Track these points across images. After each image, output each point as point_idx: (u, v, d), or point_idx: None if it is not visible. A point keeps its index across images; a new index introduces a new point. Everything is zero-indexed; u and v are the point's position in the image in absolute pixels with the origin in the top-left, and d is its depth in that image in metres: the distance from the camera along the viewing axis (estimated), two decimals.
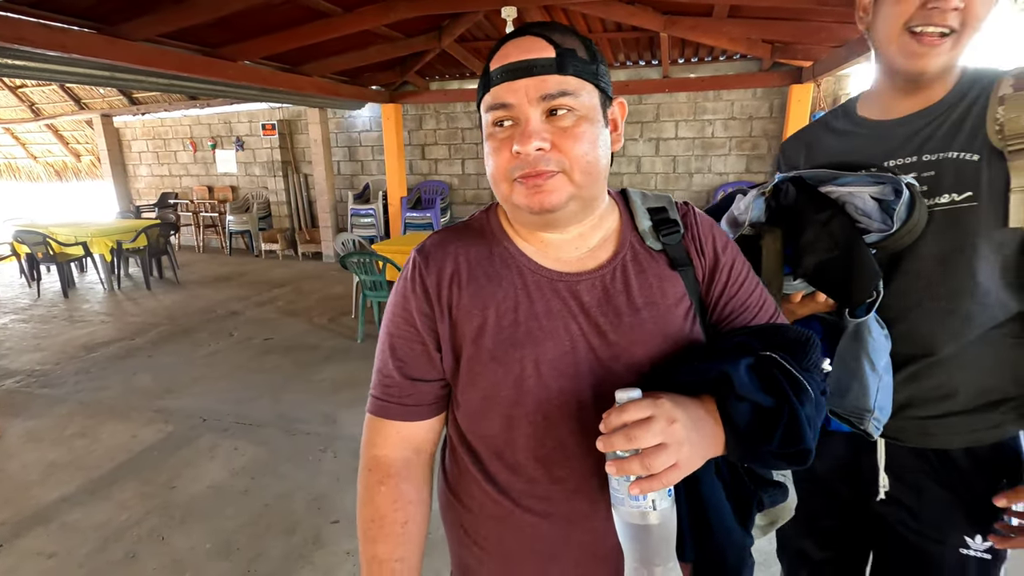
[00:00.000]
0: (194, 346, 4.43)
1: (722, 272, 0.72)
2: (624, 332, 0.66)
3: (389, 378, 0.72)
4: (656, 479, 0.52)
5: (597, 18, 4.78)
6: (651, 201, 0.74)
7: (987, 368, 0.89)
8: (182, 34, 3.97)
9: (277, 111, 8.06)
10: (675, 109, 6.44)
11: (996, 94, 0.82)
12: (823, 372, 0.63)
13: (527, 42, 0.61)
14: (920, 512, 0.95)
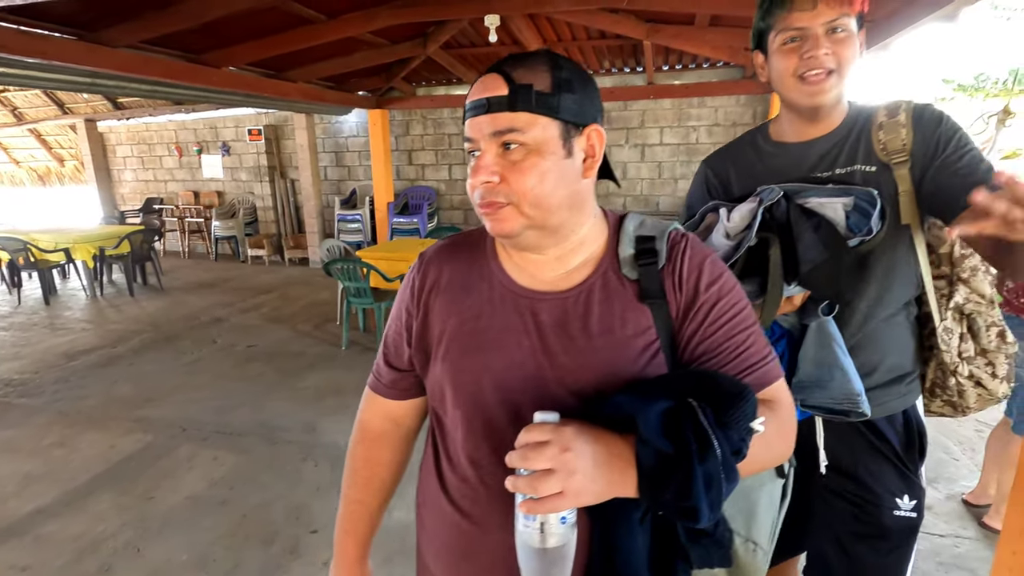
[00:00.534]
0: (176, 354, 4.39)
1: (699, 310, 0.69)
2: (573, 356, 0.67)
3: (380, 359, 0.84)
4: (540, 503, 0.53)
5: (581, 26, 4.82)
6: (645, 229, 0.73)
7: (893, 348, 1.07)
8: (165, 40, 3.95)
9: (263, 116, 8.03)
10: (660, 115, 6.50)
11: (875, 122, 1.04)
12: (748, 431, 0.59)
13: (490, 80, 0.65)
14: (859, 477, 1.09)
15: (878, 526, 1.09)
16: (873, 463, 1.09)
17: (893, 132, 1.00)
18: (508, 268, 0.74)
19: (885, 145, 1.01)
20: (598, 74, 6.42)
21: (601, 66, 6.21)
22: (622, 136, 6.69)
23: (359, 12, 4.09)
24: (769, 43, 1.03)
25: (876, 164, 1.02)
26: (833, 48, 0.96)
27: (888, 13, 3.11)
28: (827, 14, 0.94)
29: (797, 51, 0.98)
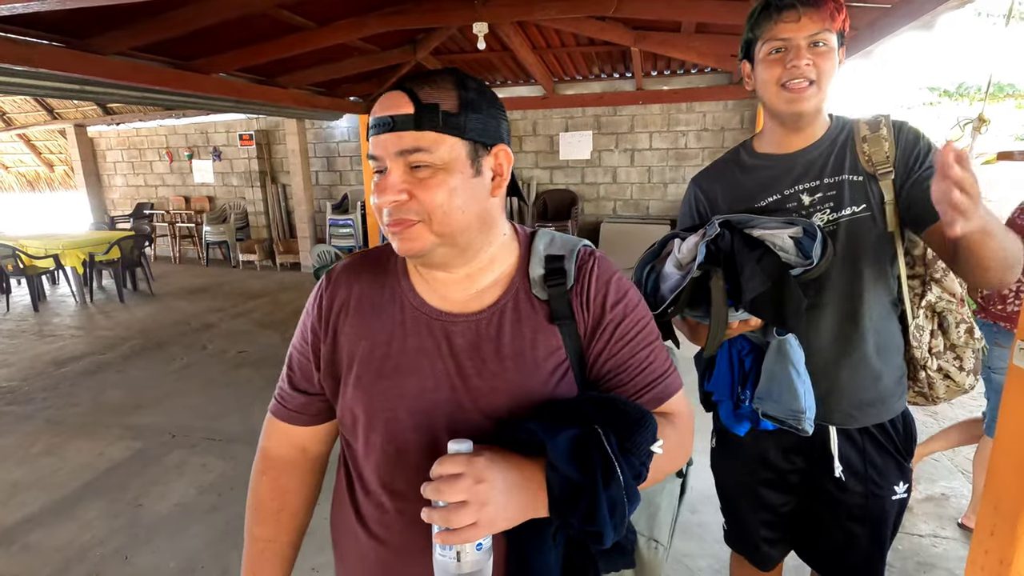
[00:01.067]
0: (166, 360, 4.39)
1: (606, 329, 0.71)
2: (486, 379, 0.68)
3: (282, 383, 0.80)
4: (455, 534, 0.54)
5: (570, 33, 4.87)
6: (555, 248, 0.74)
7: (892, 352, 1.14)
8: (154, 47, 3.96)
9: (254, 121, 8.03)
10: (649, 120, 6.56)
11: (859, 135, 1.10)
12: (649, 455, 0.62)
13: (394, 97, 0.63)
14: (867, 472, 1.18)
15: (880, 510, 1.19)
16: (880, 461, 1.18)
17: (877, 145, 1.07)
18: (419, 289, 0.73)
19: (870, 157, 1.07)
20: (588, 79, 6.47)
21: (591, 71, 6.26)
22: (612, 141, 6.74)
23: (349, 19, 4.11)
24: (756, 53, 1.09)
25: (863, 175, 1.08)
26: (814, 60, 1.01)
27: (868, 22, 3.17)
28: (810, 27, 1.00)
29: (781, 61, 1.03)
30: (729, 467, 1.34)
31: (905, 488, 1.21)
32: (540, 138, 7.02)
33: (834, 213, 1.08)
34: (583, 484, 0.58)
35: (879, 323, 1.12)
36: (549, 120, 6.93)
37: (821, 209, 1.09)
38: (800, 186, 1.11)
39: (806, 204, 1.11)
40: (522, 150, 7.13)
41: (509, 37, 4.59)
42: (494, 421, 0.67)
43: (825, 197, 1.09)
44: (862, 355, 1.12)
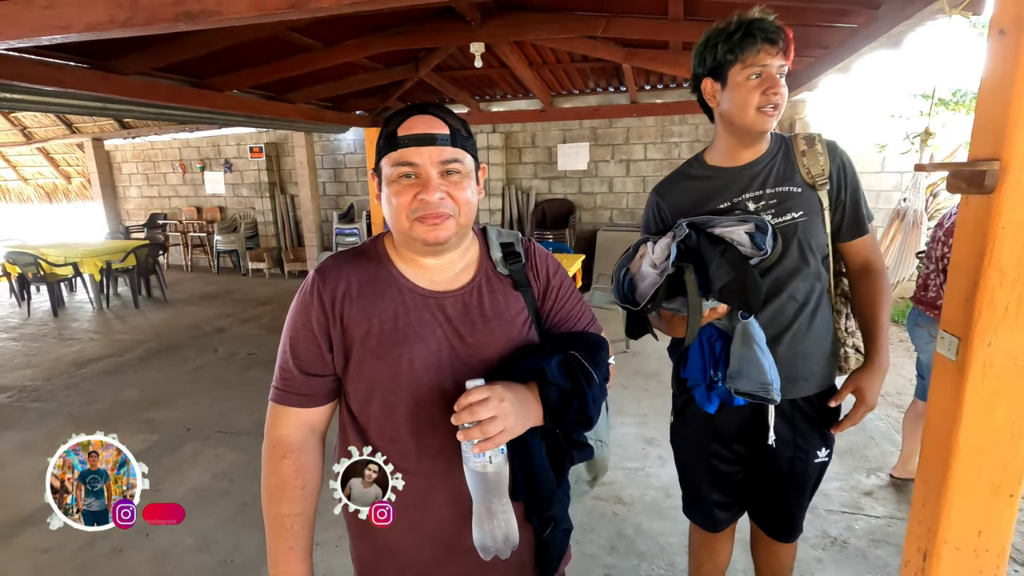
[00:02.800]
0: (180, 362, 4.62)
1: (552, 292, 0.98)
2: (478, 336, 0.89)
3: (289, 373, 0.89)
4: (491, 441, 0.75)
5: (564, 51, 5.10)
6: (504, 237, 0.98)
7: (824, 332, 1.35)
8: (172, 67, 4.23)
9: (264, 134, 8.33)
10: (643, 132, 6.78)
11: (797, 149, 1.30)
12: (607, 364, 0.91)
13: (429, 120, 0.82)
14: (795, 440, 1.39)
15: (804, 471, 1.41)
16: (807, 429, 1.38)
17: (814, 159, 1.27)
18: (409, 275, 0.91)
19: (809, 170, 1.27)
20: (584, 93, 6.71)
21: (586, 86, 6.49)
22: (608, 152, 6.97)
23: (355, 40, 4.37)
24: (731, 75, 1.21)
25: (802, 185, 1.28)
26: (780, 88, 1.19)
27: (839, 41, 3.38)
28: (780, 59, 1.18)
29: (760, 87, 1.18)
30: (686, 439, 1.52)
31: (826, 453, 1.42)
32: (539, 149, 7.26)
33: (776, 218, 1.27)
34: (573, 390, 0.83)
35: (812, 310, 1.32)
36: (547, 132, 7.17)
37: (765, 214, 1.28)
38: (746, 195, 1.29)
39: (752, 210, 1.29)
40: (521, 161, 7.37)
41: (506, 55, 4.83)
42: (487, 367, 0.88)
43: (768, 204, 1.28)
44: (796, 336, 1.31)
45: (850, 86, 6.29)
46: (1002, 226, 1.36)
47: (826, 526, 2.30)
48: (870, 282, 1.35)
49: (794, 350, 1.32)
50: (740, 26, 1.18)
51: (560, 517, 0.93)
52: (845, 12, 3.01)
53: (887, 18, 2.60)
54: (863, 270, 1.36)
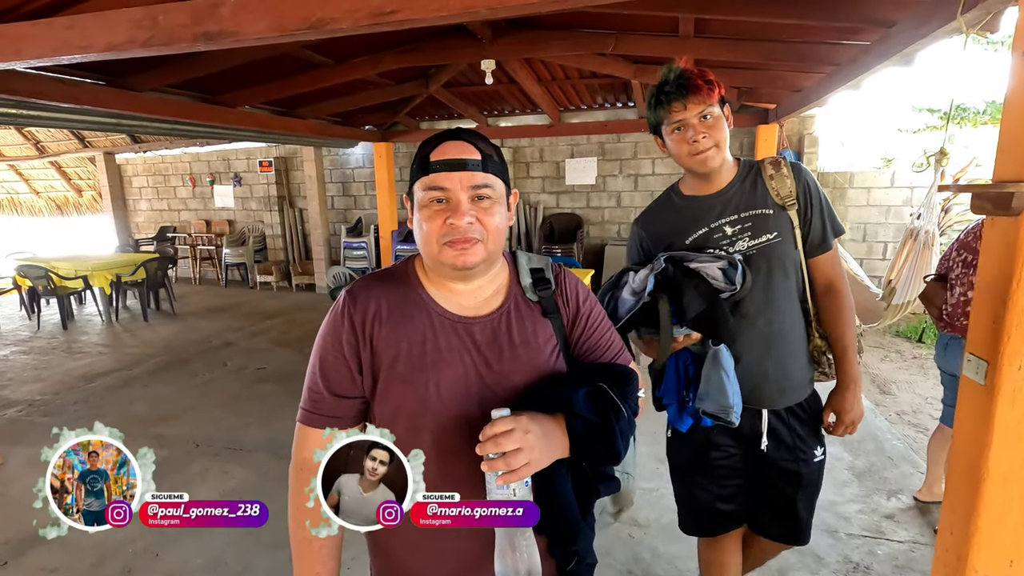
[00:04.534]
0: (189, 376, 4.61)
1: (582, 319, 0.96)
2: (505, 364, 0.88)
3: (318, 394, 0.88)
4: (515, 473, 0.74)
5: (573, 67, 5.13)
6: (534, 263, 0.97)
7: (803, 344, 1.46)
8: (186, 84, 4.28)
9: (273, 149, 8.40)
10: (651, 147, 6.79)
11: (765, 174, 1.40)
12: (637, 399, 0.88)
13: (461, 145, 0.84)
14: (792, 444, 1.48)
15: (801, 472, 1.49)
16: (803, 431, 1.49)
17: (781, 181, 1.37)
18: (438, 300, 0.90)
19: (778, 192, 1.37)
20: (592, 108, 6.74)
21: (595, 101, 6.52)
22: (616, 167, 6.98)
23: (366, 57, 4.41)
24: (664, 133, 1.37)
25: (773, 207, 1.38)
26: (707, 131, 1.31)
27: (851, 59, 3.38)
28: (695, 108, 1.29)
29: (684, 138, 1.32)
30: (682, 452, 1.58)
31: (822, 451, 1.53)
32: (547, 164, 7.28)
33: (752, 240, 1.38)
34: (600, 423, 0.82)
35: (793, 326, 1.43)
36: (555, 147, 7.19)
37: (741, 237, 1.38)
38: (723, 220, 1.39)
39: (729, 234, 1.39)
40: (529, 175, 7.39)
41: (516, 71, 4.87)
42: (513, 396, 0.87)
43: (744, 228, 1.38)
44: (782, 352, 1.42)
45: (858, 101, 6.31)
46: None
47: (847, 551, 2.25)
48: (833, 302, 1.44)
49: (782, 362, 1.43)
50: (653, 93, 1.35)
51: (584, 551, 0.91)
52: (858, 30, 3.01)
53: (901, 37, 2.60)
54: (826, 289, 1.45)
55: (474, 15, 1.79)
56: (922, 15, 2.33)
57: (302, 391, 0.91)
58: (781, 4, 2.77)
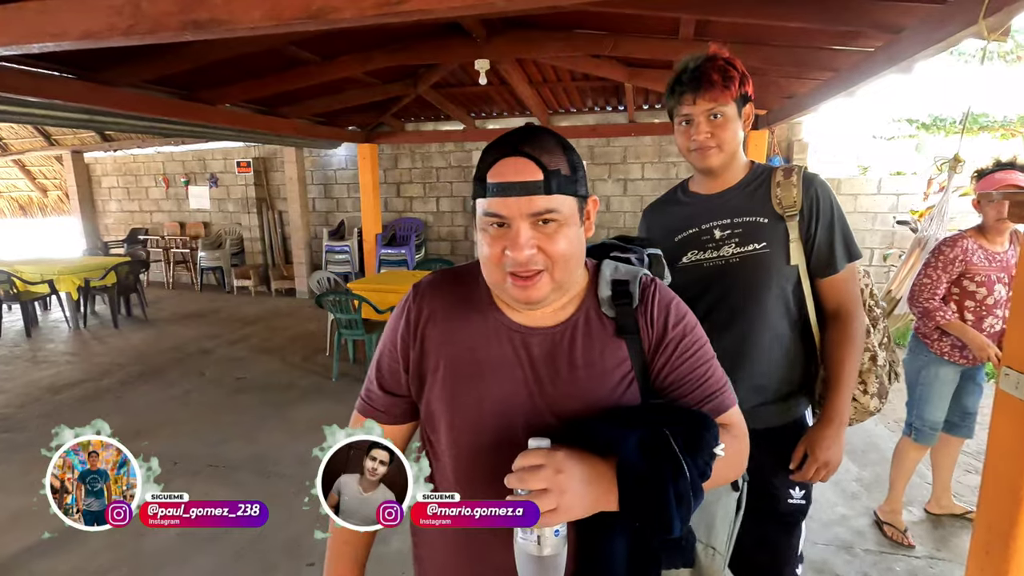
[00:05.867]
0: (165, 386, 4.38)
1: (668, 345, 0.79)
2: (560, 386, 0.77)
3: (372, 385, 0.87)
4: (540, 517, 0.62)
5: (566, 69, 5.06)
6: (619, 275, 0.83)
7: (784, 367, 1.33)
8: (164, 79, 4.07)
9: (253, 149, 8.14)
10: (641, 151, 6.76)
11: (774, 181, 1.31)
12: (712, 455, 0.70)
13: (520, 164, 0.71)
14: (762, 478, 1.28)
15: (777, 512, 1.36)
16: (772, 470, 1.34)
17: (787, 190, 1.29)
18: (500, 304, 0.81)
19: (781, 200, 1.29)
20: (582, 112, 6.68)
21: (585, 104, 6.46)
22: (605, 171, 6.93)
23: (354, 54, 4.26)
24: (674, 122, 1.33)
25: (769, 216, 1.29)
26: (712, 130, 1.25)
27: (851, 66, 3.36)
28: (706, 104, 1.24)
29: (687, 132, 1.28)
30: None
31: (801, 495, 1.36)
32: None
33: (739, 247, 1.31)
34: (652, 478, 0.65)
35: (772, 343, 1.32)
36: None
37: (728, 243, 1.32)
38: (715, 223, 1.33)
39: (717, 237, 1.33)
40: None
41: (508, 72, 4.77)
42: (565, 424, 0.75)
43: (733, 233, 1.31)
44: (752, 371, 1.31)
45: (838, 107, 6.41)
46: None
47: (865, 567, 2.18)
48: (836, 330, 1.32)
49: (749, 382, 1.30)
50: (672, 80, 1.29)
51: None
52: (860, 35, 2.99)
53: (911, 42, 2.56)
54: (832, 314, 1.33)
55: (490, 7, 1.68)
56: (935, 21, 2.29)
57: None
58: (786, 6, 2.72)
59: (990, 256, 2.17)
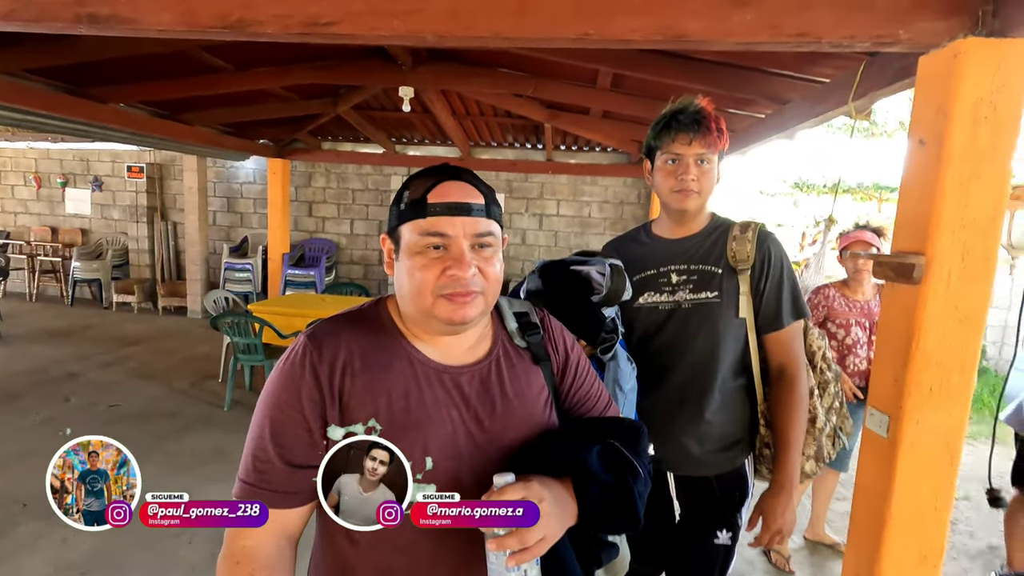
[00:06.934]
0: (18, 414, 3.81)
1: (571, 367, 0.89)
2: (497, 419, 0.78)
3: (267, 464, 0.73)
4: (529, 551, 0.63)
5: (489, 104, 5.18)
6: (516, 306, 0.90)
7: (728, 418, 1.37)
8: (47, 70, 3.67)
9: (148, 153, 7.51)
10: (557, 189, 7.02)
11: (731, 235, 1.36)
12: (648, 455, 0.80)
13: (464, 187, 0.75)
14: (693, 519, 1.43)
15: (705, 549, 1.41)
16: (702, 509, 1.42)
17: (742, 244, 1.33)
18: (419, 346, 0.80)
19: (735, 253, 1.33)
20: (502, 146, 6.85)
21: (505, 140, 6.63)
22: (522, 205, 7.10)
23: (273, 67, 4.10)
24: (656, 159, 1.35)
25: (724, 267, 1.34)
26: (698, 174, 1.29)
27: (744, 128, 3.73)
28: (697, 149, 1.28)
29: (674, 172, 1.31)
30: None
31: (728, 536, 1.42)
32: None
33: (692, 294, 1.35)
34: (617, 485, 0.73)
35: (717, 395, 1.34)
36: None
37: (683, 288, 1.35)
38: (673, 266, 1.38)
39: (674, 281, 1.37)
40: None
41: (432, 101, 4.79)
42: (508, 456, 0.75)
43: (688, 279, 1.36)
44: (694, 417, 1.35)
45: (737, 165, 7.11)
46: (927, 315, 1.49)
47: None
48: (781, 390, 1.34)
49: (695, 428, 1.35)
50: (664, 116, 1.32)
51: None
52: (753, 103, 3.34)
53: (794, 113, 2.90)
54: (777, 374, 1.36)
55: (420, 40, 1.68)
56: (815, 97, 2.62)
57: (242, 459, 0.75)
58: (693, 71, 2.99)
59: (851, 303, 2.49)
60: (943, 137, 1.41)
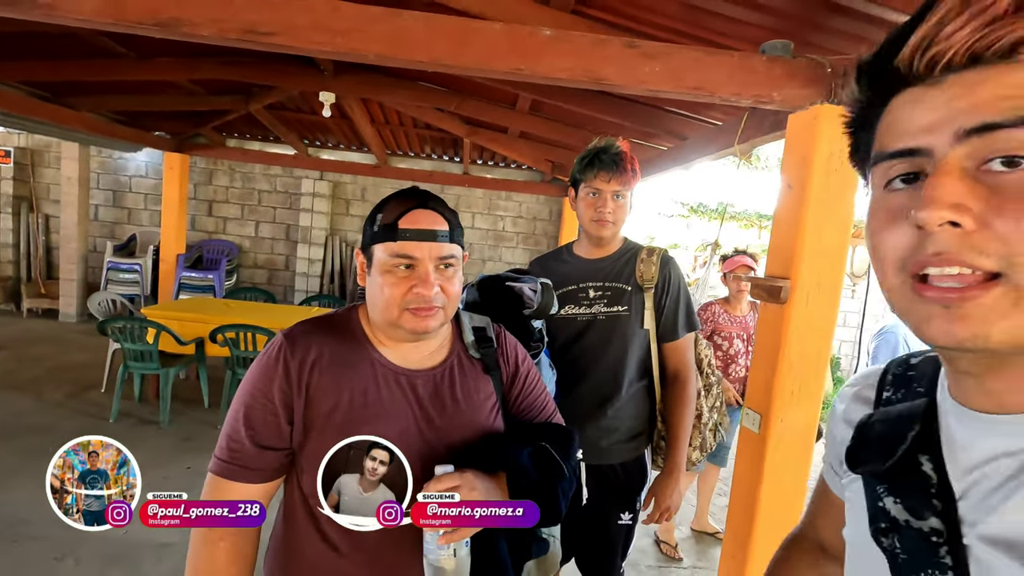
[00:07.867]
0: None
1: (520, 378, 1.01)
2: (446, 419, 0.89)
3: (239, 443, 0.83)
4: (458, 533, 0.74)
5: (409, 116, 5.23)
6: (475, 321, 1.01)
7: (632, 414, 1.59)
8: None
9: (18, 136, 6.69)
10: (473, 202, 7.17)
11: (639, 257, 1.59)
12: (576, 458, 0.94)
13: (431, 215, 0.85)
14: (600, 502, 1.55)
15: (608, 529, 1.61)
16: (607, 493, 1.59)
17: (648, 266, 1.57)
18: (382, 351, 0.90)
19: (642, 274, 1.56)
20: (420, 157, 6.90)
21: (423, 151, 6.69)
22: None
23: (180, 59, 3.88)
24: (579, 190, 1.57)
25: (632, 285, 1.56)
26: (614, 208, 1.52)
27: (648, 159, 4.10)
28: (615, 186, 1.51)
29: (594, 204, 1.52)
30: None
31: (629, 517, 1.63)
32: (368, 204, 7.14)
33: (606, 307, 1.56)
34: (543, 482, 0.84)
35: (623, 395, 1.56)
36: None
37: (598, 302, 1.57)
38: (591, 283, 1.58)
39: (591, 296, 1.57)
40: (348, 213, 7.15)
41: (351, 108, 4.76)
42: (453, 453, 0.86)
43: (603, 295, 1.57)
44: (605, 413, 1.56)
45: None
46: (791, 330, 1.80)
47: None
48: (675, 392, 1.60)
49: (605, 422, 1.56)
50: (589, 153, 1.53)
51: None
52: (656, 136, 3.70)
53: (691, 148, 3.26)
54: (672, 377, 1.61)
55: (361, 58, 1.76)
56: (708, 136, 2.98)
57: (219, 439, 0.85)
58: (607, 104, 3.26)
59: (732, 319, 2.86)
60: (805, 183, 1.73)
